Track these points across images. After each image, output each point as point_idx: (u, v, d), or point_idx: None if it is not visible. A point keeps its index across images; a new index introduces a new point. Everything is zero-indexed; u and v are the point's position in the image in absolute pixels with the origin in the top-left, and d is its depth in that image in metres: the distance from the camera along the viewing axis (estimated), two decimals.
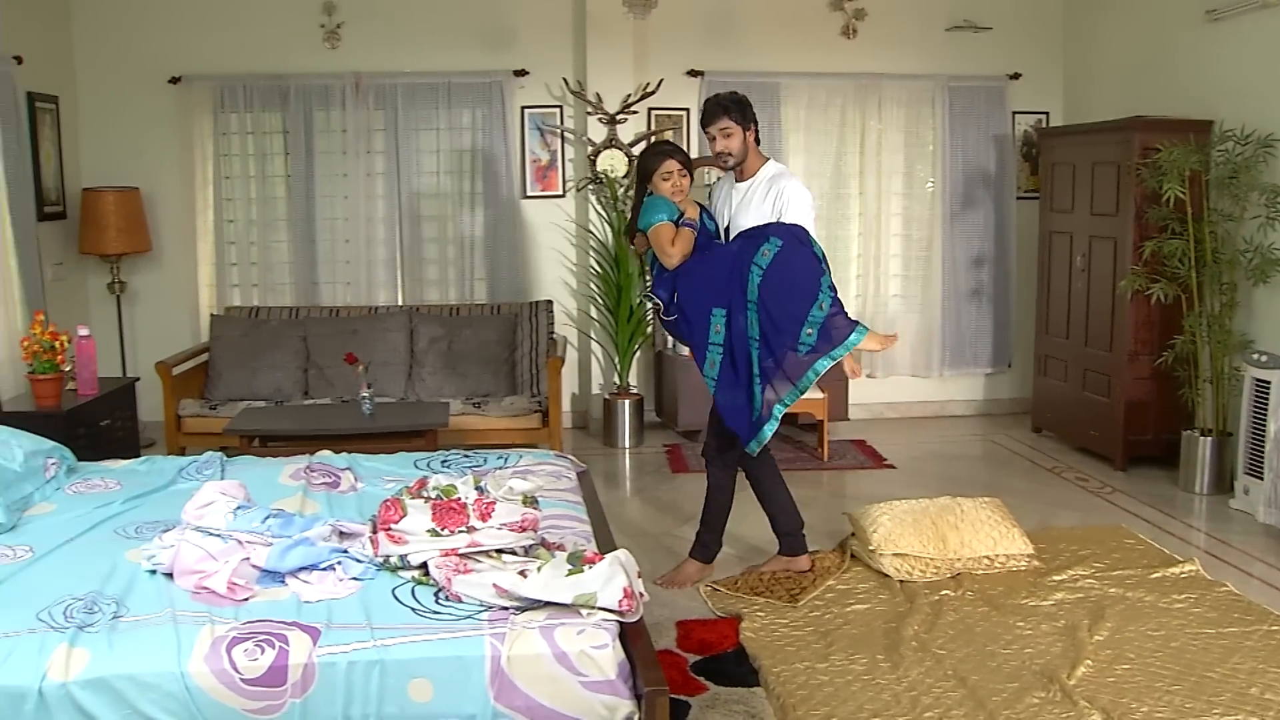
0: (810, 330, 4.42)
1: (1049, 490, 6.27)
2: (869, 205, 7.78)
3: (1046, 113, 7.96)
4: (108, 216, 6.93)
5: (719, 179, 5.26)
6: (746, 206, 4.69)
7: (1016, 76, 7.84)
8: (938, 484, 6.21)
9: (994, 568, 4.82)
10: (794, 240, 4.49)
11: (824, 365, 4.44)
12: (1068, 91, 7.93)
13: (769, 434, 4.52)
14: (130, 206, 7.06)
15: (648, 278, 4.83)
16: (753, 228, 4.61)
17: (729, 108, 4.64)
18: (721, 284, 4.51)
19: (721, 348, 4.55)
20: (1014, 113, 7.90)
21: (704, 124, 4.72)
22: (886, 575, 4.78)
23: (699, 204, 4.79)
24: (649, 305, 4.70)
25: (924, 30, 7.75)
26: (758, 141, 4.78)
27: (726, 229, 4.76)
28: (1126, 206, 6.42)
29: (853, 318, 4.51)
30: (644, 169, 4.74)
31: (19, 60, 6.32)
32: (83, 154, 7.37)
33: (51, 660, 2.75)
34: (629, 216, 4.90)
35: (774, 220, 4.58)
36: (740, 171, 4.77)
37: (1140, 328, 6.47)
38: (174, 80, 7.34)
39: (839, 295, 4.54)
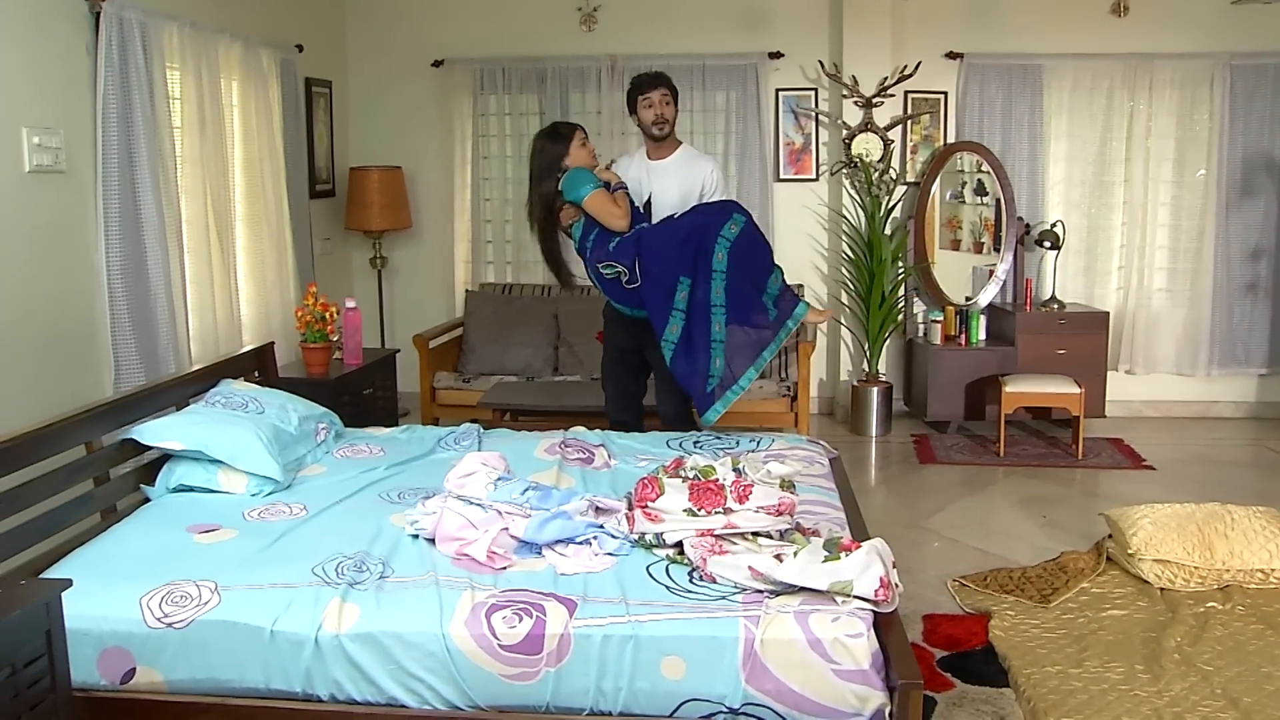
0: (768, 300, 4.69)
1: None
2: (1134, 194, 7.38)
3: None
4: (372, 194, 7.25)
5: (616, 160, 5.31)
6: (669, 182, 5.00)
7: None
8: (1202, 489, 5.85)
9: (1269, 583, 4.50)
10: (751, 219, 4.74)
11: (783, 336, 4.73)
12: None
13: (724, 409, 4.70)
14: (393, 185, 7.37)
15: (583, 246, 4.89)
16: (710, 202, 4.90)
17: (664, 79, 5.04)
18: (689, 255, 4.61)
19: (683, 314, 4.68)
20: None
21: (643, 90, 5.00)
22: (1146, 582, 4.54)
23: (613, 172, 4.96)
24: (605, 273, 4.78)
25: (1204, 4, 7.25)
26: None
27: (647, 203, 5.01)
28: None
29: (794, 291, 4.86)
30: (551, 155, 4.83)
31: (300, 48, 6.68)
32: (351, 135, 7.75)
33: (326, 613, 2.90)
34: (537, 207, 4.92)
35: (699, 197, 4.98)
36: (655, 150, 5.08)
37: None
38: (436, 64, 7.61)
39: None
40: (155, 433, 3.88)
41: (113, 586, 3.03)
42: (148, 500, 3.88)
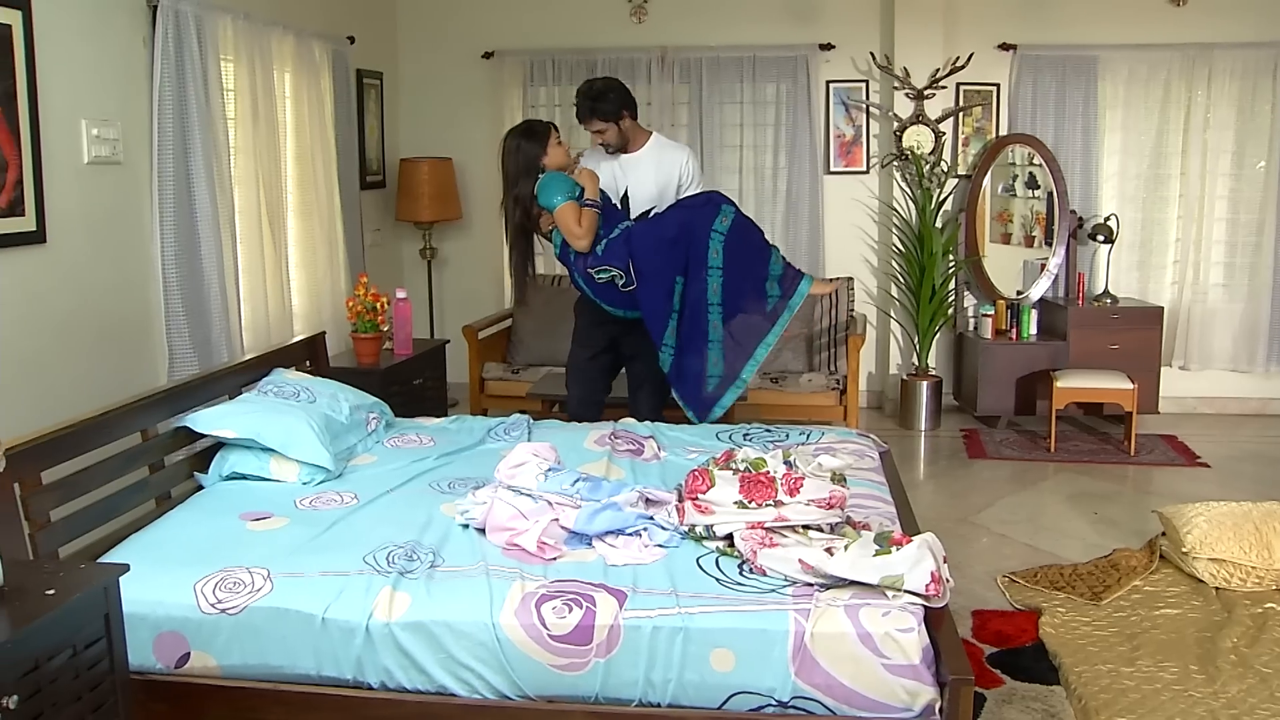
0: (772, 283, 4.68)
1: None
2: (1191, 187, 7.27)
3: None
4: (422, 185, 7.29)
5: (583, 152, 5.13)
6: (644, 175, 4.90)
7: None
8: (1258, 488, 5.76)
9: None
10: (738, 208, 4.73)
11: (786, 317, 4.72)
12: None
13: (730, 402, 4.76)
14: (443, 176, 7.41)
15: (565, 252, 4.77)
16: (693, 195, 4.85)
17: (594, 109, 4.80)
18: (681, 252, 4.58)
19: (677, 314, 4.66)
20: None
21: (578, 117, 4.89)
22: (1200, 581, 4.47)
23: (592, 172, 4.79)
24: (599, 277, 4.67)
25: None
26: (634, 118, 4.93)
27: (624, 198, 4.92)
28: None
29: (796, 267, 4.84)
30: (528, 155, 4.69)
31: (351, 40, 6.72)
32: (402, 126, 7.79)
33: (377, 601, 2.92)
34: (515, 210, 4.78)
35: (677, 189, 4.91)
36: (624, 147, 4.94)
37: None
38: (487, 55, 7.63)
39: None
40: (209, 421, 3.92)
41: (168, 572, 3.06)
42: (201, 488, 3.93)
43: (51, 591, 2.39)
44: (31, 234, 3.99)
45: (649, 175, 4.94)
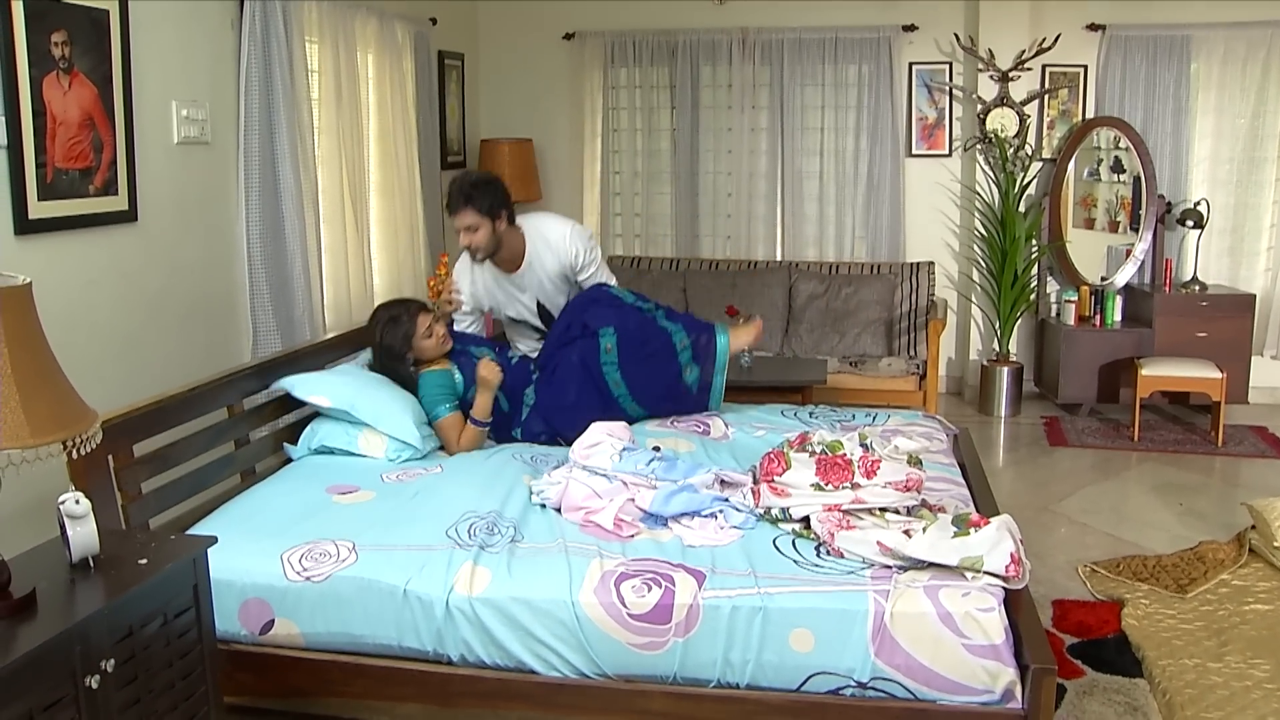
0: (688, 369, 4.33)
1: None
2: None
3: None
4: (502, 166, 7.31)
5: (456, 268, 4.61)
6: (542, 281, 4.43)
7: None
8: None
9: None
10: (615, 313, 4.26)
11: (720, 381, 4.43)
12: None
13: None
14: (523, 157, 7.44)
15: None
16: (566, 324, 4.32)
17: (470, 196, 4.22)
18: (589, 382, 4.22)
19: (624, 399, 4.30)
20: None
21: (449, 210, 4.30)
22: None
23: (498, 369, 4.17)
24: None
25: None
26: (511, 222, 4.35)
27: (542, 311, 4.51)
28: None
29: (703, 321, 4.47)
30: (390, 347, 4.13)
31: (434, 22, 6.77)
32: (482, 107, 7.84)
33: (458, 576, 2.96)
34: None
35: (576, 263, 4.44)
36: (502, 262, 4.40)
37: None
38: (568, 37, 7.65)
39: (682, 313, 4.48)
40: (306, 386, 4.01)
41: (256, 541, 3.13)
42: (289, 460, 4.00)
43: (144, 561, 2.45)
44: (124, 213, 4.07)
45: (548, 283, 4.48)
